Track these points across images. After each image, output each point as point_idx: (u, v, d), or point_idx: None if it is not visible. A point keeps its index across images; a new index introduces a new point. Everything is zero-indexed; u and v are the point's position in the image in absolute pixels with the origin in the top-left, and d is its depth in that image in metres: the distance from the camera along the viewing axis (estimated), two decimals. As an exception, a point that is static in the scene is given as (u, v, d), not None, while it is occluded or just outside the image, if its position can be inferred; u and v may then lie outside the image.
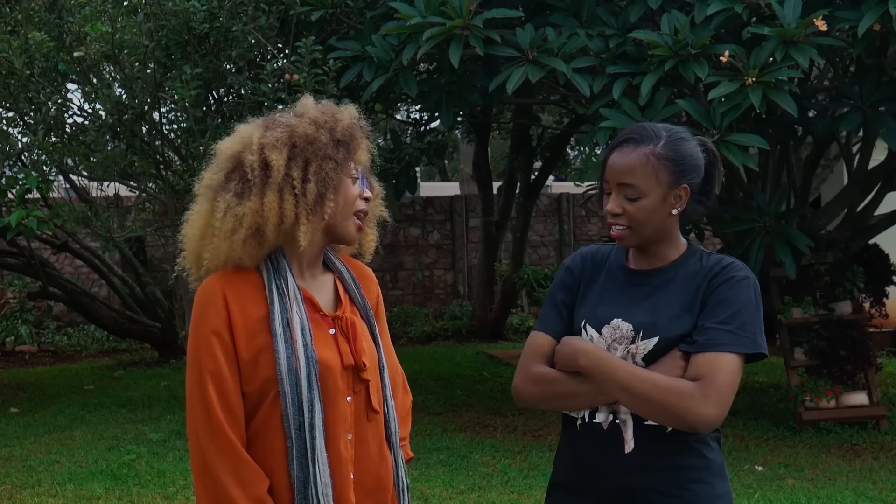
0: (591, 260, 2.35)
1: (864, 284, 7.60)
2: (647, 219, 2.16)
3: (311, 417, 2.03)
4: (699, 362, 2.07)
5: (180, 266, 2.20)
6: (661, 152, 2.16)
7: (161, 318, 10.88)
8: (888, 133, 6.09)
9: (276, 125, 2.13)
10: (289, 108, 2.21)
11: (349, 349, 2.14)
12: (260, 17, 6.60)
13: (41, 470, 6.25)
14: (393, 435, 2.22)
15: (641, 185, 2.15)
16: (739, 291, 2.13)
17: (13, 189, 7.22)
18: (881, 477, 5.90)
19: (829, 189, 10.26)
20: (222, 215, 2.08)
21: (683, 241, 2.26)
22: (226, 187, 2.10)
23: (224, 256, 2.09)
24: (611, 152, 2.20)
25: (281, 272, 2.11)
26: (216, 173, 2.14)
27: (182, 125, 7.21)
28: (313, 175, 2.09)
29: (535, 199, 12.72)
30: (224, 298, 2.07)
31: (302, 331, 2.06)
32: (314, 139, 2.11)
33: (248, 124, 2.19)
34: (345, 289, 2.23)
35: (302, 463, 2.03)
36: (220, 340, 2.05)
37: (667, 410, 2.06)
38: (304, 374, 2.04)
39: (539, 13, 6.49)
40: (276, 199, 2.07)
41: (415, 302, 14.26)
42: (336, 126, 2.15)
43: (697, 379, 2.06)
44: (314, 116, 2.15)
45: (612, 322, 2.19)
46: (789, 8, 5.58)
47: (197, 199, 2.17)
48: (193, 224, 2.15)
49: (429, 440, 6.84)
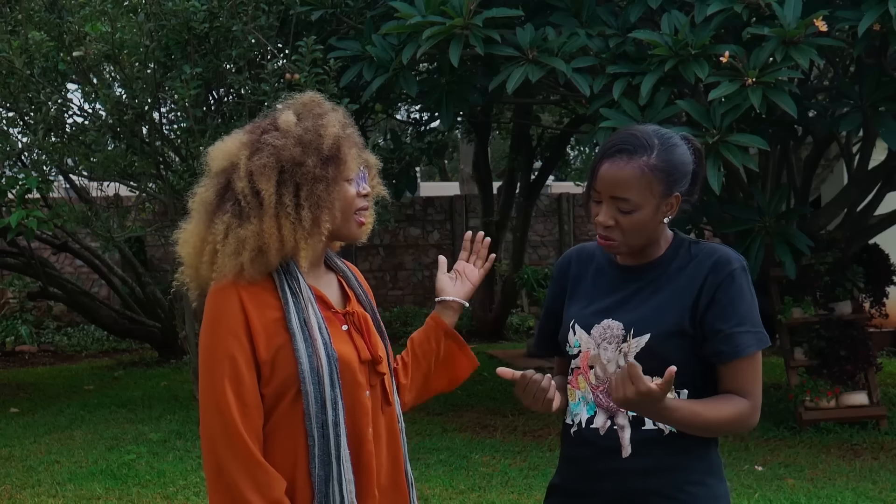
0: (576, 260, 2.34)
1: (864, 284, 7.59)
2: (640, 230, 2.14)
3: (336, 415, 2.03)
4: (736, 374, 2.12)
5: (179, 280, 2.18)
6: (655, 163, 2.11)
7: (161, 318, 10.88)
8: (888, 133, 6.09)
9: (263, 147, 2.08)
10: (271, 119, 2.15)
11: (364, 344, 2.15)
12: (260, 16, 6.60)
13: (41, 470, 6.25)
14: (401, 430, 2.22)
15: (636, 199, 2.11)
16: (742, 285, 2.13)
17: (13, 189, 7.22)
18: (881, 477, 5.90)
19: (829, 189, 10.26)
20: (223, 237, 2.06)
21: (669, 233, 2.23)
22: (221, 207, 2.08)
23: (233, 275, 2.07)
24: (602, 161, 2.14)
25: (292, 273, 2.10)
26: (208, 190, 2.12)
27: (182, 125, 7.21)
28: (305, 200, 2.06)
29: (535, 199, 12.72)
30: (240, 300, 2.05)
31: (320, 329, 2.06)
32: (302, 162, 2.07)
33: (234, 137, 2.15)
34: (349, 286, 2.24)
35: (324, 461, 2.02)
36: (238, 343, 2.03)
37: (732, 432, 2.20)
38: (325, 372, 2.03)
39: (539, 13, 6.49)
40: (275, 225, 2.05)
41: (415, 302, 14.25)
42: (322, 143, 2.09)
43: (740, 391, 2.12)
44: (298, 135, 2.09)
45: (603, 322, 2.18)
46: (789, 8, 5.57)
47: (192, 213, 2.15)
48: (189, 241, 2.13)
49: (429, 440, 6.85)
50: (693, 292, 2.13)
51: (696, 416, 2.08)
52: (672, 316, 2.13)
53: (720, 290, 2.12)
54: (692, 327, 2.12)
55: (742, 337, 2.10)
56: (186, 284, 2.16)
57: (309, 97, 2.18)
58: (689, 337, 2.12)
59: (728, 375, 2.12)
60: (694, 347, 2.13)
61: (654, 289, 2.17)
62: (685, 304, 2.13)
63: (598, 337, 2.18)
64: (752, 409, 2.12)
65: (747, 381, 2.12)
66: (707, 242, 2.22)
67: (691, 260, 2.18)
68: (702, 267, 2.15)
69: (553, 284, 2.38)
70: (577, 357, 2.23)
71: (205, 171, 2.17)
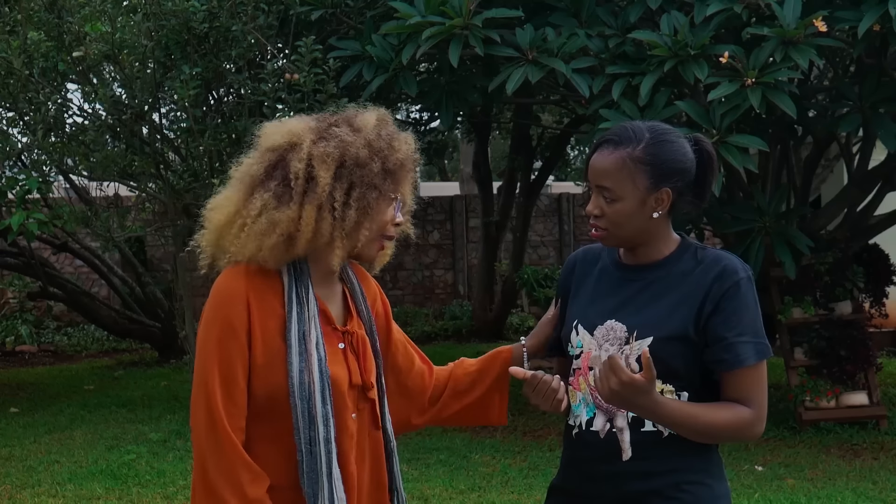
0: (582, 260, 2.35)
1: (864, 284, 7.59)
2: (625, 222, 2.14)
3: (326, 432, 1.99)
4: (738, 383, 2.11)
5: (196, 242, 2.13)
6: (639, 156, 2.12)
7: (161, 318, 10.88)
8: (887, 135, 6.09)
9: (331, 137, 2.05)
10: (348, 115, 2.12)
11: (357, 367, 2.11)
12: (259, 16, 6.59)
13: (41, 470, 6.25)
14: (393, 452, 2.19)
15: (616, 189, 2.12)
16: (747, 295, 2.13)
17: (13, 190, 7.22)
18: (881, 477, 5.90)
19: (829, 189, 10.26)
20: (257, 213, 2.02)
21: (676, 237, 2.23)
22: (265, 184, 2.04)
23: (249, 254, 2.04)
24: (593, 153, 2.18)
25: (303, 280, 2.07)
26: (257, 164, 2.07)
27: (182, 125, 7.21)
28: (355, 201, 2.03)
29: (535, 199, 12.72)
30: (247, 299, 2.02)
31: (317, 346, 2.02)
32: (365, 164, 2.04)
33: (301, 119, 2.11)
34: (353, 301, 2.19)
35: (312, 478, 1.99)
36: (237, 341, 2.00)
37: (732, 439, 2.19)
38: (318, 389, 2.00)
39: (539, 13, 6.49)
40: (315, 215, 2.01)
41: (415, 302, 14.25)
42: (390, 155, 2.07)
43: (742, 400, 2.11)
44: (371, 139, 2.06)
45: (606, 324, 2.18)
46: (789, 8, 5.57)
47: (231, 182, 2.10)
48: (221, 209, 2.08)
49: (429, 440, 6.84)
50: (698, 298, 2.13)
51: (692, 417, 2.07)
52: (675, 321, 2.12)
53: (725, 299, 2.11)
54: (695, 333, 2.12)
55: (744, 347, 2.10)
56: (202, 249, 2.11)
57: (383, 112, 2.15)
58: (692, 342, 2.12)
59: (730, 384, 2.12)
60: (696, 353, 2.13)
61: (659, 291, 2.17)
62: (689, 309, 2.13)
63: (600, 338, 2.18)
64: (755, 418, 2.11)
65: (750, 391, 2.11)
66: (714, 249, 2.22)
67: (697, 265, 2.17)
68: (707, 274, 2.15)
69: (558, 288, 2.40)
70: (579, 357, 2.23)
71: (255, 144, 2.11)
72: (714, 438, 2.14)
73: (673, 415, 2.06)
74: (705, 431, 2.10)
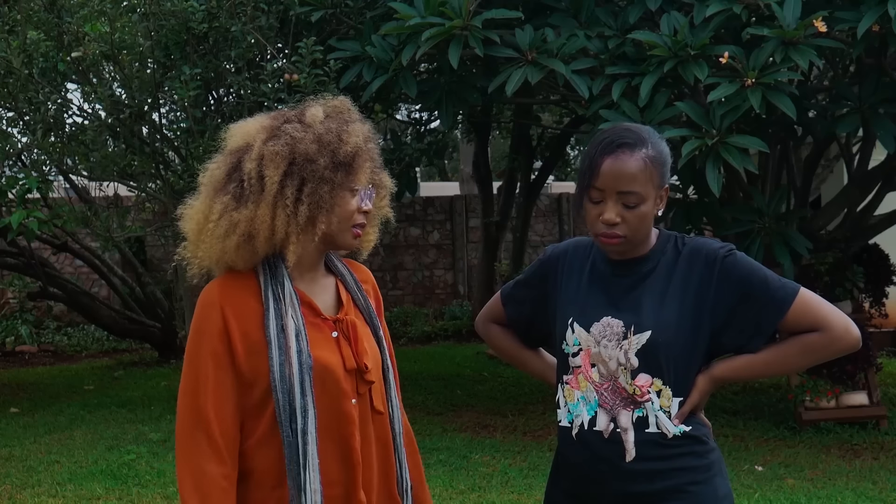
0: (573, 252, 2.34)
1: (864, 284, 7.60)
2: (644, 224, 2.16)
3: (304, 424, 2.00)
4: (798, 318, 2.16)
5: (180, 256, 2.17)
6: (654, 155, 2.15)
7: (161, 318, 10.88)
8: (886, 136, 6.08)
9: (281, 134, 2.07)
10: (299, 111, 2.15)
11: (351, 352, 2.12)
12: (259, 17, 6.59)
13: (41, 470, 6.25)
14: (398, 435, 2.20)
15: (642, 192, 2.13)
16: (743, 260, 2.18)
17: (13, 189, 7.23)
18: (881, 477, 5.90)
19: (829, 189, 10.26)
20: (217, 217, 2.06)
21: (654, 230, 2.25)
22: (225, 188, 2.08)
23: (216, 258, 2.08)
24: (603, 158, 2.14)
25: (278, 277, 2.09)
26: (219, 168, 2.11)
27: (182, 125, 7.21)
28: (307, 197, 2.05)
29: (535, 199, 12.72)
30: (221, 307, 2.05)
31: (297, 336, 2.03)
32: (313, 160, 2.06)
33: (257, 119, 2.15)
34: (347, 291, 2.20)
35: (293, 471, 2.01)
36: (217, 362, 2.04)
37: (835, 353, 2.20)
38: (297, 380, 2.01)
39: (538, 14, 6.49)
40: (269, 213, 2.04)
41: (415, 302, 14.25)
42: (340, 148, 2.09)
43: (813, 327, 2.16)
44: (320, 133, 2.08)
45: (602, 320, 2.18)
46: (789, 9, 5.57)
47: (200, 189, 2.14)
48: (192, 218, 2.12)
49: (429, 440, 6.84)
50: (692, 288, 2.15)
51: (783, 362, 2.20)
52: (670, 312, 2.13)
53: (730, 281, 2.14)
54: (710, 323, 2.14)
55: (777, 292, 2.15)
56: (187, 260, 2.14)
57: (342, 101, 2.17)
58: (689, 332, 2.13)
59: (794, 320, 2.16)
60: (694, 342, 2.14)
61: (650, 284, 2.18)
62: (686, 299, 2.14)
63: (598, 335, 2.18)
64: (841, 328, 2.15)
65: (815, 316, 2.15)
66: (692, 237, 2.24)
67: (679, 254, 2.19)
68: (694, 262, 2.17)
69: (540, 266, 2.38)
70: (577, 356, 2.22)
71: (220, 148, 2.15)
72: (816, 361, 2.26)
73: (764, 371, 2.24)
74: (800, 362, 2.23)
